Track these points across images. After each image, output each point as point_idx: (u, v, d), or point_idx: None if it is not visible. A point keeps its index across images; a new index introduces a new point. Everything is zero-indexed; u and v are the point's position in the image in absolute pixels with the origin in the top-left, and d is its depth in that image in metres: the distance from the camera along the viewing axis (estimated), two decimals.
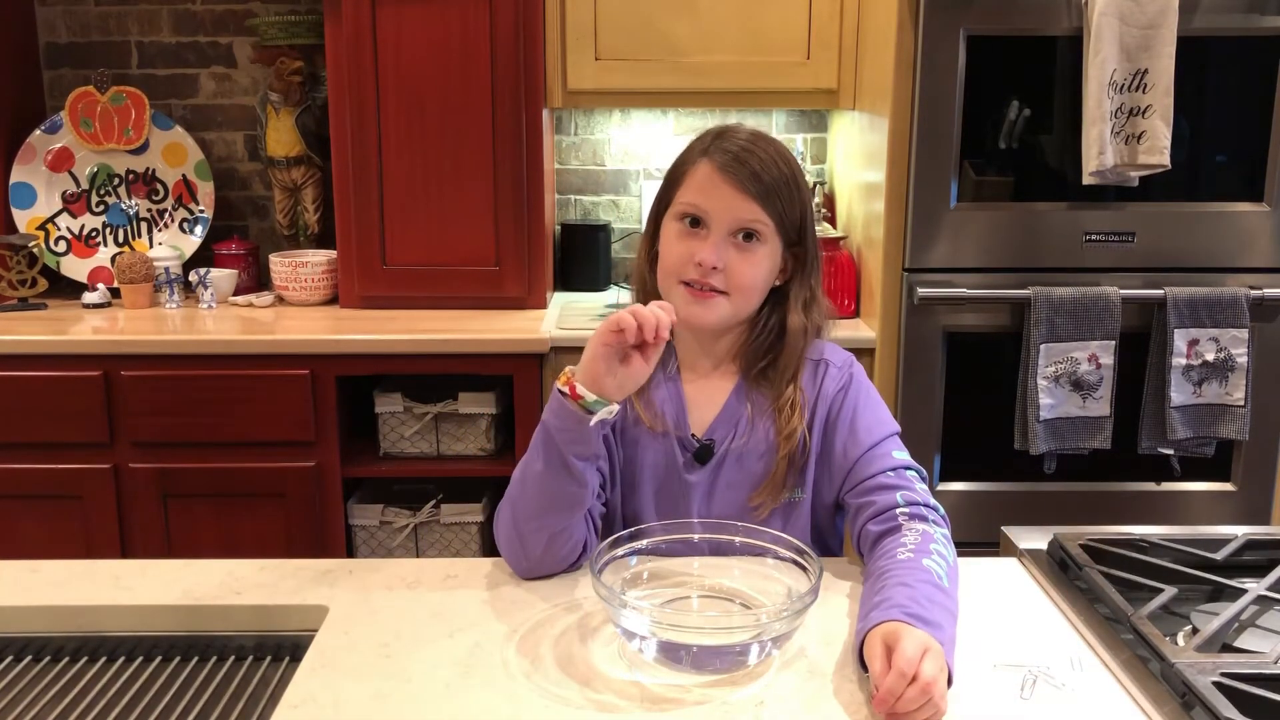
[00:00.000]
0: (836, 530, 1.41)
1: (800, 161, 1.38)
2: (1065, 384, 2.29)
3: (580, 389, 1.17)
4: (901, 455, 1.31)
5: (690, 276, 1.29)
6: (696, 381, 1.38)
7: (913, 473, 1.30)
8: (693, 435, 1.35)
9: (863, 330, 2.46)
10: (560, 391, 1.18)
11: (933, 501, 1.28)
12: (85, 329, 2.46)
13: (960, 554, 1.24)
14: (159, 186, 2.82)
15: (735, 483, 1.34)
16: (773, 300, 1.36)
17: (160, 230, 2.83)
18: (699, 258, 1.27)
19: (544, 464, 1.22)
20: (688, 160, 1.33)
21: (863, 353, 2.42)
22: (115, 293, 2.70)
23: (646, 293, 1.37)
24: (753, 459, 1.34)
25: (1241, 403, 2.32)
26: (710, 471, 1.34)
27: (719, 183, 1.28)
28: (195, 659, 1.22)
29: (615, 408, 1.18)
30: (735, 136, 1.31)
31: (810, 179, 2.72)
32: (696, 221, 1.30)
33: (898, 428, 1.35)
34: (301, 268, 2.67)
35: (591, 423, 1.18)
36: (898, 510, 1.25)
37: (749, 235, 1.29)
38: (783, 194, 1.29)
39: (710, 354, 1.37)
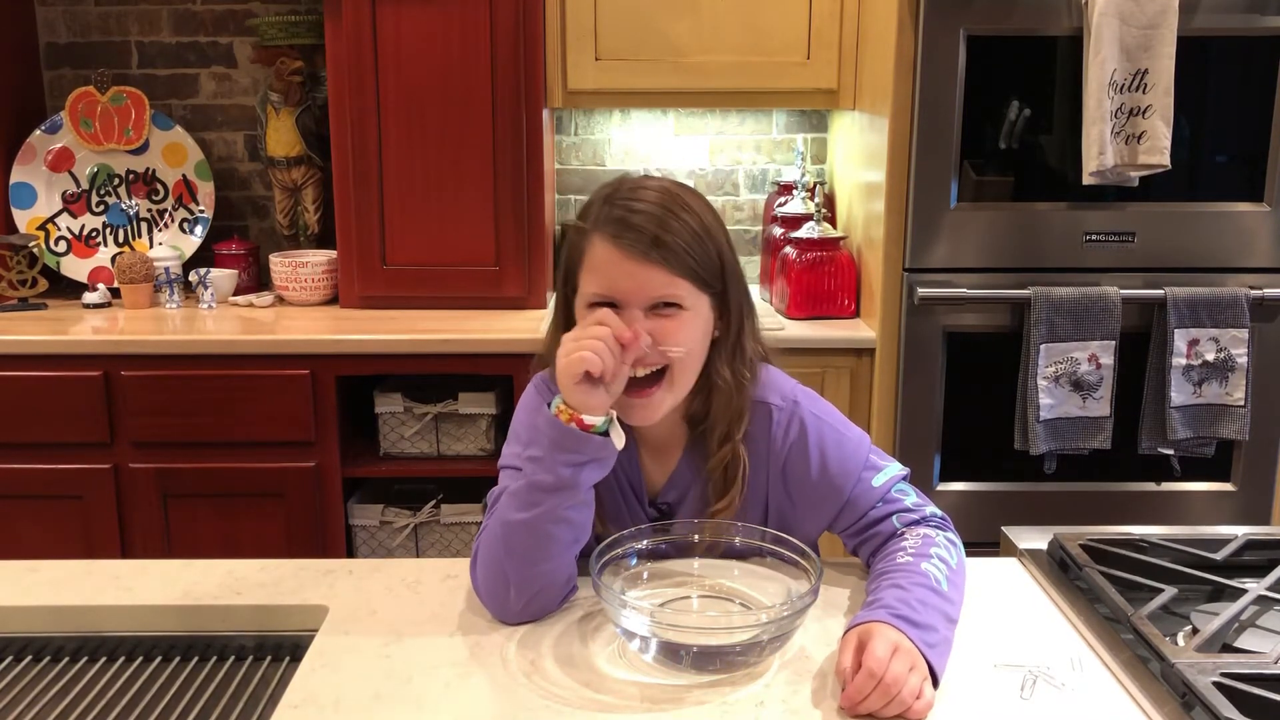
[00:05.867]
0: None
1: (705, 199, 1.23)
2: (1065, 384, 2.29)
3: (587, 419, 1.13)
4: (882, 478, 1.25)
5: None
6: (650, 443, 1.29)
7: (899, 488, 1.26)
8: (650, 503, 1.29)
9: (863, 330, 2.46)
10: (567, 427, 1.12)
11: (928, 510, 1.26)
12: (85, 329, 2.46)
13: None
14: (159, 186, 2.82)
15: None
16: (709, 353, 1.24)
17: (160, 230, 2.83)
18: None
19: (551, 504, 1.14)
20: (581, 237, 1.19)
21: (863, 352, 2.42)
22: (115, 293, 2.70)
23: None
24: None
25: (1241, 403, 2.32)
26: None
27: (619, 259, 1.15)
28: (195, 659, 1.22)
29: (619, 431, 1.15)
30: (625, 199, 1.18)
31: (812, 178, 2.73)
32: (609, 305, 1.17)
33: (865, 439, 1.28)
34: (301, 268, 2.67)
35: (617, 444, 1.15)
36: (898, 530, 1.24)
37: (668, 305, 1.17)
38: (693, 250, 1.16)
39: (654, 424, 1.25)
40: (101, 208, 2.80)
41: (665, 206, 1.17)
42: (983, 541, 1.50)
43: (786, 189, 2.80)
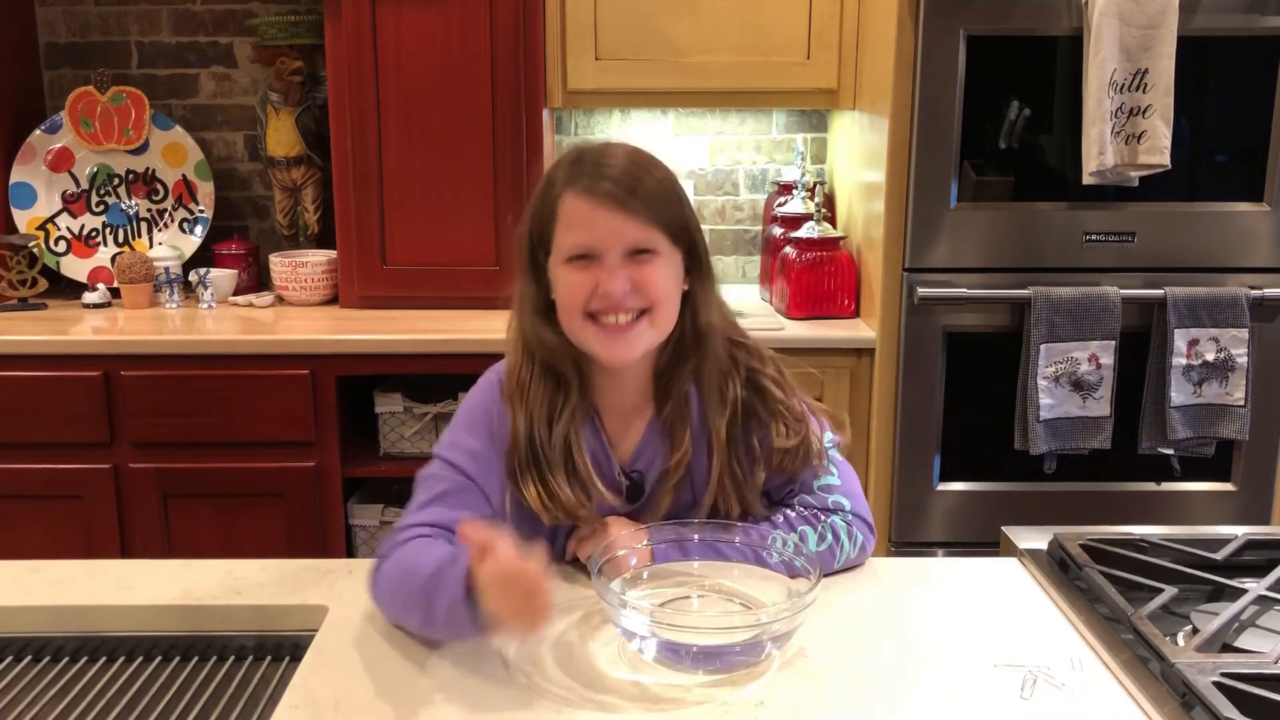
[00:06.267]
0: None
1: (672, 168, 1.24)
2: (1065, 384, 2.29)
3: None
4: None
5: (595, 307, 1.19)
6: (614, 411, 1.29)
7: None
8: (620, 472, 1.28)
9: (863, 330, 2.46)
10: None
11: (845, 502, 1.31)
12: (85, 329, 2.46)
13: (960, 554, 1.24)
14: (159, 186, 2.82)
15: (676, 512, 1.28)
16: (681, 309, 1.25)
17: (160, 230, 2.83)
18: (603, 289, 1.18)
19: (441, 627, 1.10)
20: (551, 198, 1.21)
21: (863, 352, 2.42)
22: (115, 293, 2.70)
23: (547, 349, 1.24)
24: (685, 486, 1.27)
25: (1241, 403, 2.32)
26: (643, 507, 1.29)
27: (593, 209, 1.17)
28: (195, 659, 1.22)
29: None
30: (592, 157, 1.20)
31: (812, 178, 2.73)
32: (586, 256, 1.19)
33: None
34: (301, 268, 2.67)
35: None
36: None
37: (643, 252, 1.19)
38: (661, 199, 1.19)
39: (623, 384, 1.27)
40: (101, 208, 2.80)
41: (635, 162, 1.20)
42: (983, 541, 1.50)
43: (786, 189, 2.80)
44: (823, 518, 1.28)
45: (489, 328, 2.42)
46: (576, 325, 1.21)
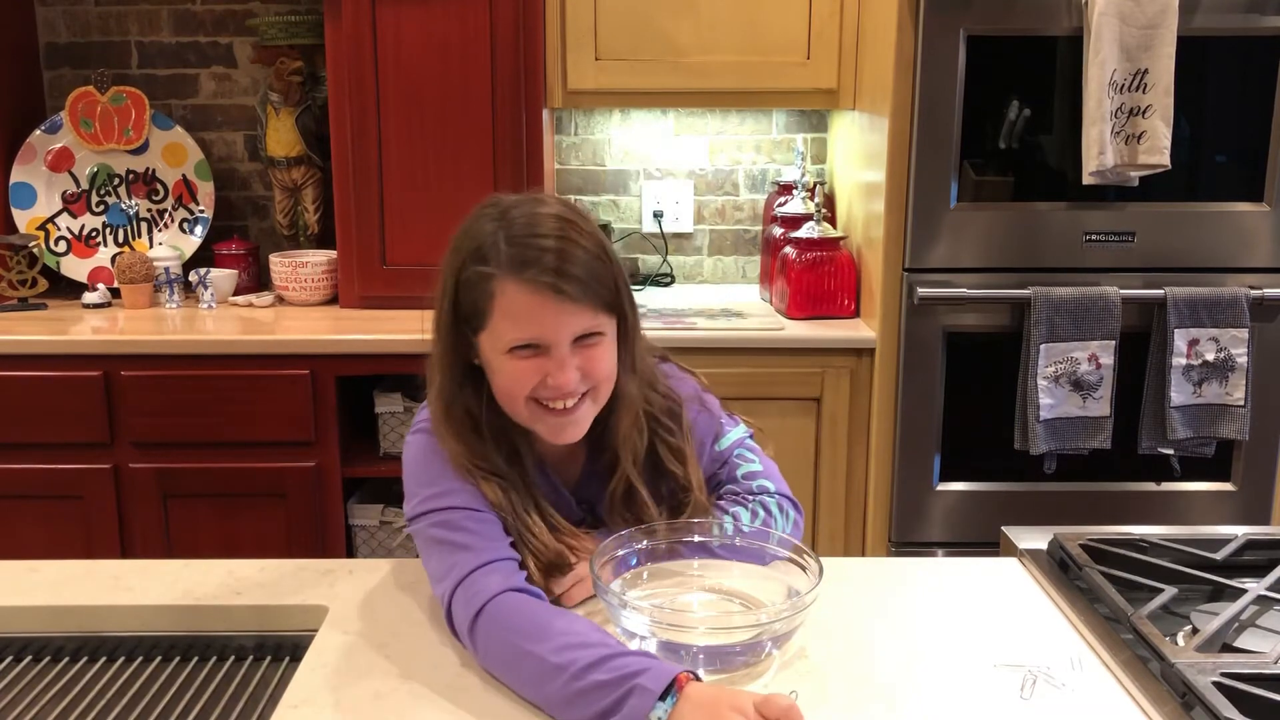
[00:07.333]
0: None
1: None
2: (1065, 384, 2.29)
3: None
4: (727, 441, 1.34)
5: (542, 395, 1.16)
6: (551, 459, 1.28)
7: (739, 452, 1.35)
8: (574, 504, 1.30)
9: (863, 330, 2.46)
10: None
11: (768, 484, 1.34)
12: (85, 329, 2.46)
13: (960, 554, 1.24)
14: (159, 186, 2.82)
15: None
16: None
17: (160, 230, 2.83)
18: (554, 381, 1.15)
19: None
20: (485, 280, 1.15)
21: (863, 352, 2.42)
22: (115, 293, 2.70)
23: (493, 421, 1.21)
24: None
25: (1241, 403, 2.32)
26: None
27: (540, 304, 1.12)
28: (195, 659, 1.22)
29: None
30: (525, 236, 1.14)
31: (812, 178, 2.73)
32: (532, 347, 1.15)
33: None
34: (301, 268, 2.67)
35: None
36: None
37: (590, 335, 1.17)
38: (603, 279, 1.16)
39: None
40: (101, 208, 2.80)
41: (566, 237, 1.14)
42: (983, 541, 1.50)
43: (786, 189, 2.80)
44: (750, 499, 1.31)
45: None
46: (520, 411, 1.19)
